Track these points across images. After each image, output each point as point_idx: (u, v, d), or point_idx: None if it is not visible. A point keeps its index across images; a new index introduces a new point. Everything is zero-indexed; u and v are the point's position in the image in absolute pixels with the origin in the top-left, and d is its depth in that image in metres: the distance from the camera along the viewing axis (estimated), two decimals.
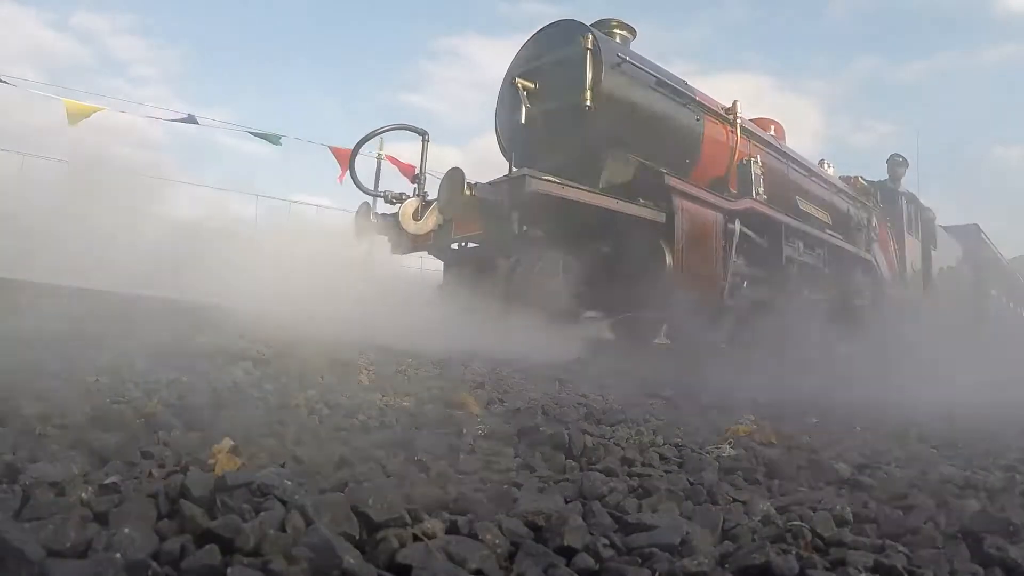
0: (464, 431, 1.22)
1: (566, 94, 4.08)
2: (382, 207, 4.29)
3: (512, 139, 4.52)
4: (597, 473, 0.95)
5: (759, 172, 5.36)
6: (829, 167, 7.99)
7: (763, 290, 5.33)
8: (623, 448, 1.16)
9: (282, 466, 0.87)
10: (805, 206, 6.32)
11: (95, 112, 6.61)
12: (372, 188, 4.27)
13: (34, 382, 1.30)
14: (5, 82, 6.25)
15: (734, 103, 5.39)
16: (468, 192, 3.64)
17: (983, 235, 15.88)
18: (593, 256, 4.11)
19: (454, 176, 3.65)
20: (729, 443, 1.26)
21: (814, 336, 5.66)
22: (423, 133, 4.39)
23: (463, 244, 4.29)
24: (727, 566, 0.64)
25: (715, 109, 5.21)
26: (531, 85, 4.27)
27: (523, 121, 4.17)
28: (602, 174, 4.23)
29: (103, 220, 3.46)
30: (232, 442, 0.87)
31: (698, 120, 4.99)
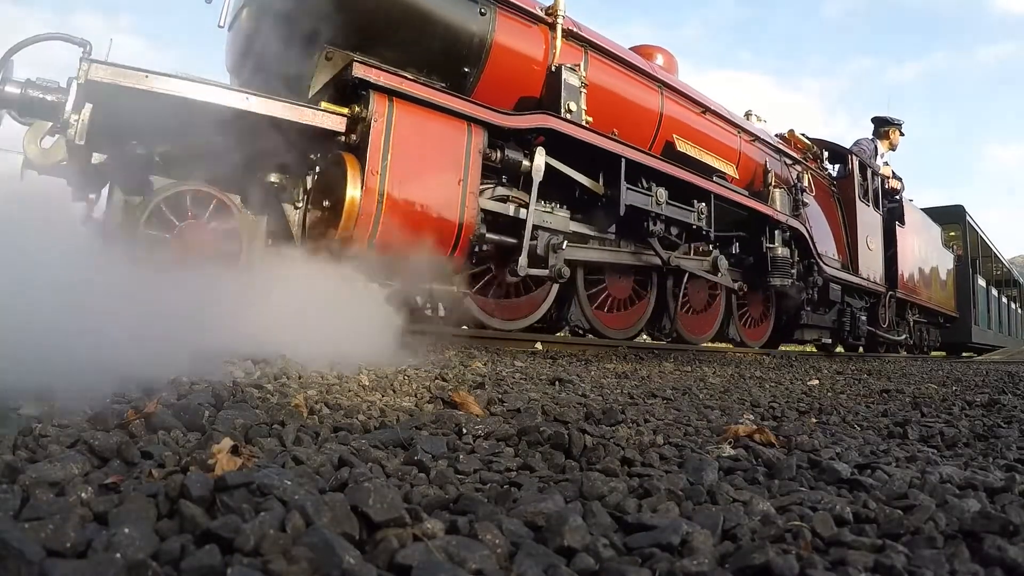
0: (464, 431, 1.22)
1: None
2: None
3: (227, 50, 3.68)
4: (597, 473, 0.95)
5: (577, 84, 3.99)
6: (758, 119, 6.85)
7: (592, 253, 4.43)
8: (623, 448, 1.16)
9: (282, 466, 0.87)
10: (689, 147, 5.15)
11: None
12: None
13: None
14: None
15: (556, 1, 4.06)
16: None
17: (969, 218, 13.96)
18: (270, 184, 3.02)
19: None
20: (729, 443, 1.26)
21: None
22: (84, 44, 2.98)
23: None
24: (727, 566, 0.64)
25: (521, 5, 3.93)
26: None
27: (223, 24, 3.36)
28: (313, 79, 3.22)
29: None
30: (232, 442, 0.87)
31: (483, 14, 3.70)
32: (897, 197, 9.45)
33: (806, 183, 6.70)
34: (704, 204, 4.92)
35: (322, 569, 0.54)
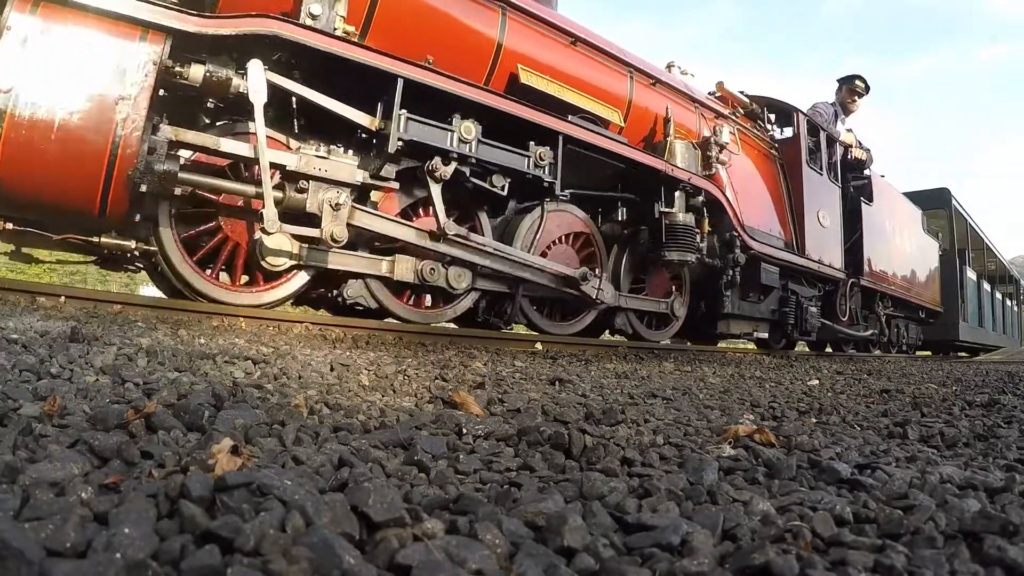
0: (464, 431, 1.22)
1: None
2: None
3: None
4: (597, 473, 0.95)
5: None
6: (682, 72, 5.79)
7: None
8: (623, 448, 1.16)
9: (282, 466, 0.87)
10: (539, 80, 4.16)
11: None
12: None
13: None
14: None
15: None
16: None
17: (955, 202, 12.28)
18: None
19: None
20: (729, 443, 1.26)
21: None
22: None
23: None
24: (727, 566, 0.64)
25: None
26: None
27: None
28: None
29: None
30: (232, 442, 0.87)
31: None
32: (866, 173, 8.02)
33: (726, 139, 5.30)
34: (547, 149, 3.87)
35: (322, 569, 0.54)
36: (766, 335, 6.73)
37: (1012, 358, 11.12)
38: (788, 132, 6.92)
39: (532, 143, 3.87)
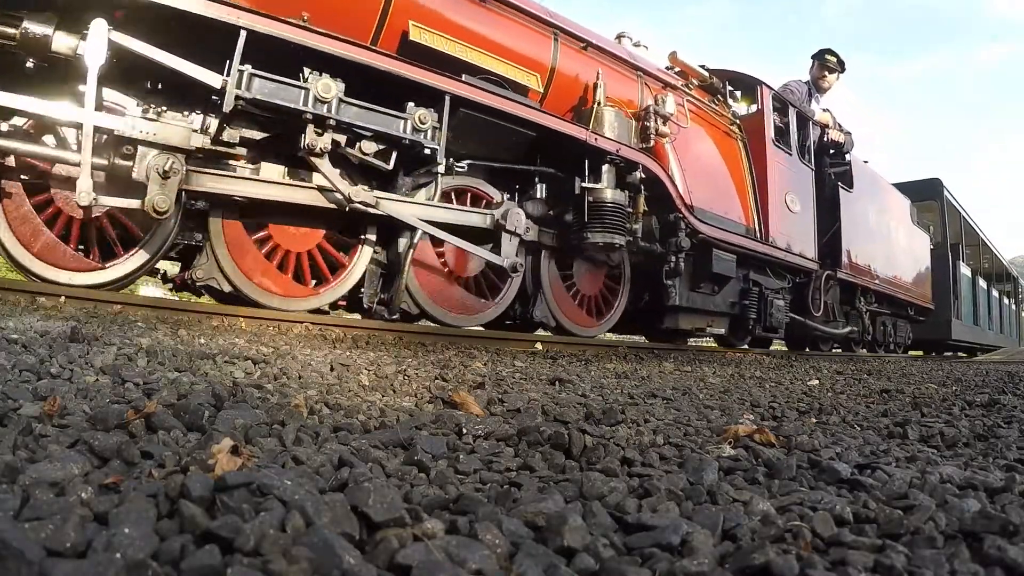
0: (464, 431, 1.22)
1: None
2: None
3: None
4: (597, 473, 0.95)
5: None
6: (634, 43, 5.29)
7: (242, 186, 3.11)
8: (623, 448, 1.16)
9: (282, 466, 0.87)
10: (434, 38, 3.69)
11: None
12: None
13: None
14: None
15: None
16: None
17: (947, 194, 11.51)
18: None
19: None
20: (729, 443, 1.26)
21: None
22: None
23: None
24: (727, 566, 0.64)
25: None
26: None
27: None
28: None
29: None
30: (232, 442, 0.87)
31: None
32: (847, 158, 7.37)
33: (670, 109, 4.68)
34: (430, 111, 3.35)
35: (322, 569, 0.54)
36: (723, 331, 5.86)
37: (1012, 358, 11.06)
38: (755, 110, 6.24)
39: (412, 104, 3.36)
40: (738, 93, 6.28)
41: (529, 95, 4.17)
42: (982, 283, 13.21)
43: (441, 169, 3.56)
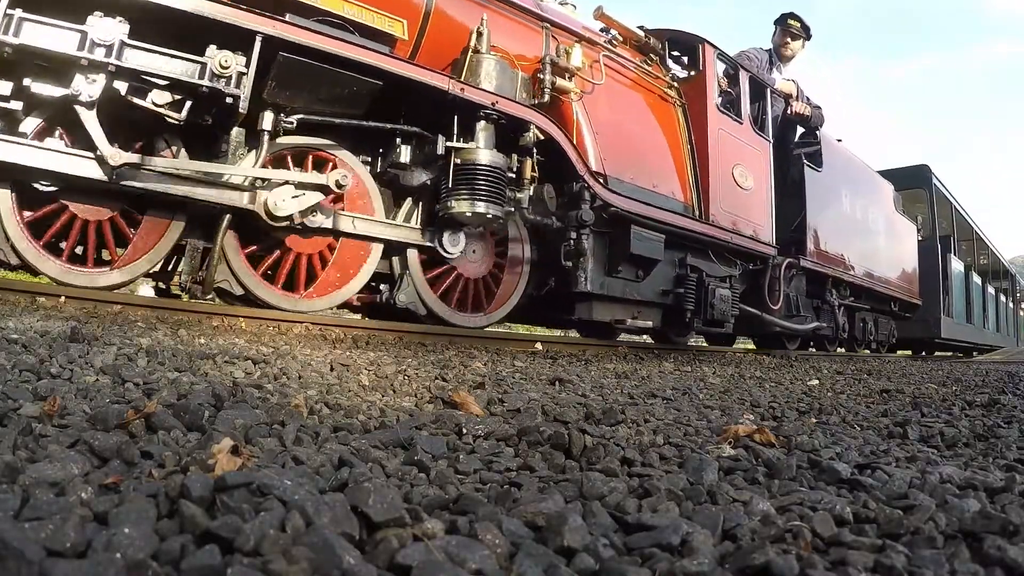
0: (464, 431, 1.22)
1: None
2: None
3: None
4: (597, 473, 0.95)
5: None
6: (560, 2, 4.73)
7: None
8: (623, 448, 1.16)
9: (282, 466, 0.87)
10: None
11: None
12: None
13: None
14: None
15: None
16: None
17: (936, 182, 10.63)
18: None
19: None
20: (729, 443, 1.27)
21: None
22: None
23: None
24: (727, 566, 0.64)
25: None
26: None
27: None
28: None
29: None
30: (232, 442, 0.87)
31: None
32: (817, 135, 6.67)
33: (576, 62, 4.09)
34: (234, 54, 2.87)
35: (322, 569, 0.54)
36: (650, 323, 5.00)
37: (1012, 358, 10.97)
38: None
39: (214, 47, 2.87)
40: (685, 59, 5.55)
41: (397, 46, 3.56)
42: (976, 279, 12.26)
43: (267, 125, 3.09)
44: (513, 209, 3.82)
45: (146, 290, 4.94)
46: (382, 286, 3.84)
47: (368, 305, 4.08)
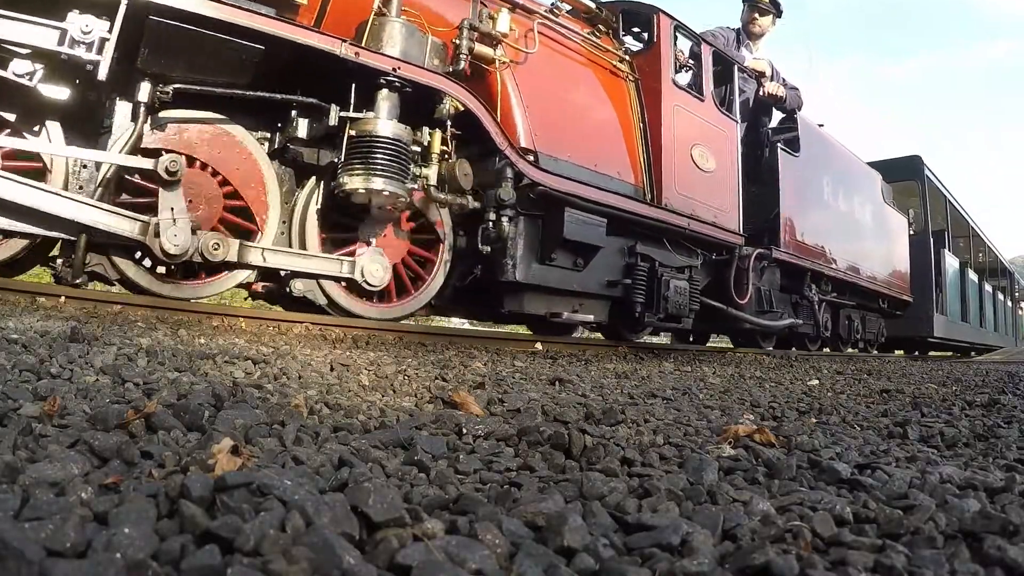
0: (464, 431, 1.22)
1: None
2: None
3: None
4: (597, 473, 0.95)
5: None
6: None
7: None
8: (623, 448, 1.16)
9: (282, 466, 0.87)
10: None
11: None
12: None
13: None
14: None
15: None
16: None
17: (929, 173, 10.12)
18: None
19: None
20: (729, 443, 1.27)
21: None
22: None
23: None
24: (727, 566, 0.64)
25: None
26: None
27: None
28: None
29: None
30: (232, 442, 0.87)
31: None
32: (795, 119, 6.32)
33: (502, 28, 3.76)
34: (100, 20, 2.68)
35: (322, 569, 0.54)
36: (591, 317, 4.54)
37: (1012, 358, 10.95)
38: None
39: (75, 12, 2.68)
40: (645, 35, 5.13)
41: (300, 13, 3.39)
42: (973, 276, 11.69)
43: (143, 97, 2.85)
44: (418, 187, 3.46)
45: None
46: (282, 272, 3.38)
47: (270, 293, 3.64)
